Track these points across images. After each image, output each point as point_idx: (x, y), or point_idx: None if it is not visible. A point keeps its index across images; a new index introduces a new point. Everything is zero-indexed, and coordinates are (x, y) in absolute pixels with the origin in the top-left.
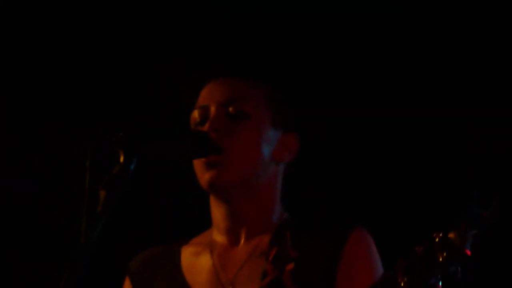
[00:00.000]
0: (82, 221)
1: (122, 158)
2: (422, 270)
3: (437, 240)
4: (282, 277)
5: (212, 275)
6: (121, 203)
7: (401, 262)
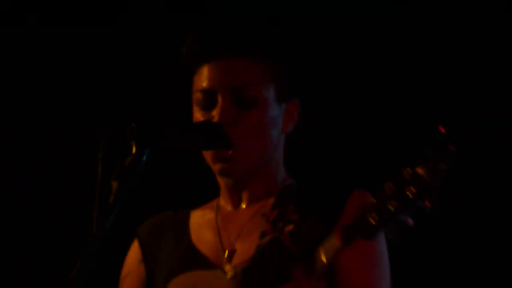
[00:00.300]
0: (94, 212)
1: (134, 149)
2: (392, 207)
3: (406, 176)
4: (281, 237)
5: (214, 234)
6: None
7: (371, 200)
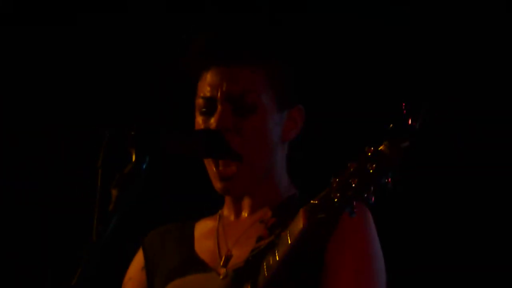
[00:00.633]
0: (94, 220)
1: (133, 157)
2: (353, 184)
3: (369, 154)
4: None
5: (214, 242)
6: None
7: (335, 180)
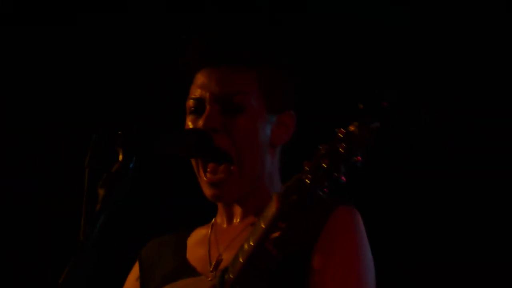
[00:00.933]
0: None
1: (120, 157)
2: (324, 164)
3: (340, 135)
4: (265, 243)
5: (206, 250)
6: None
7: (307, 163)
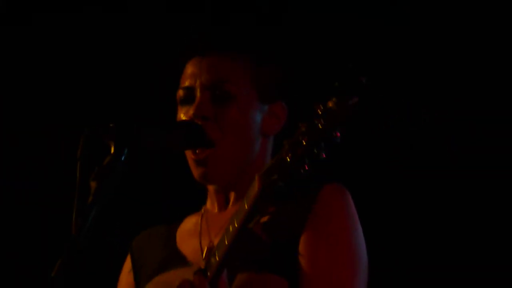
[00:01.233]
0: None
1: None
2: (304, 141)
3: (318, 111)
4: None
5: (196, 236)
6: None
7: (287, 142)
